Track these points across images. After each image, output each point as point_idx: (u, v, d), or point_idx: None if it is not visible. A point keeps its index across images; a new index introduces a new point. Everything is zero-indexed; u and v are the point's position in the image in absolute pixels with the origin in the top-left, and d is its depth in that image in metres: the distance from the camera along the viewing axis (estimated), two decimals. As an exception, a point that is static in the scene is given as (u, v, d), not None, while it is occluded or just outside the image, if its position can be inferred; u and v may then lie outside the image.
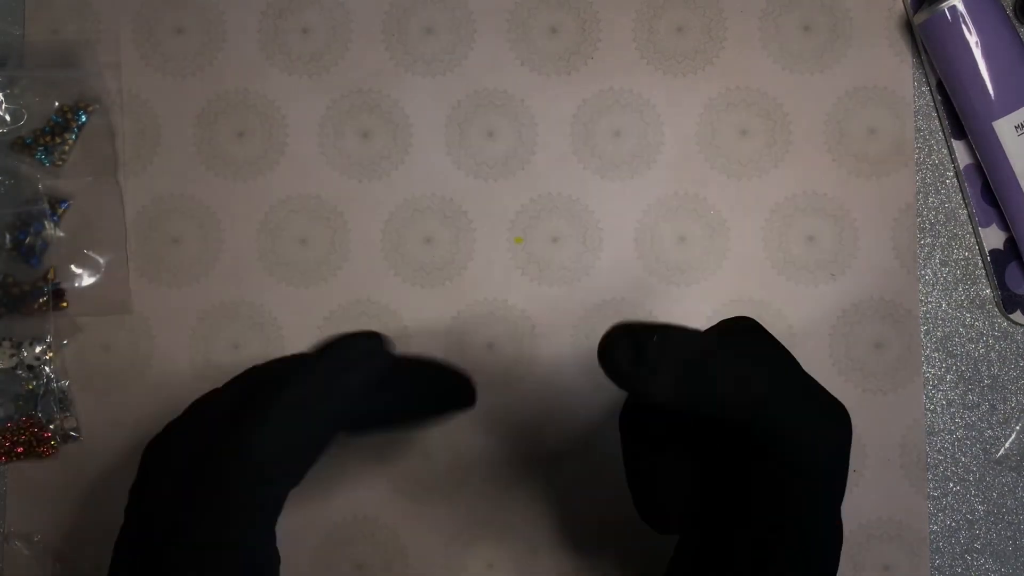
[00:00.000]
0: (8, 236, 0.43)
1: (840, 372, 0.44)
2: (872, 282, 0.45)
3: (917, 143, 0.45)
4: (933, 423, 0.44)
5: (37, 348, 0.43)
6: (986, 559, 0.44)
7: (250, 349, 0.44)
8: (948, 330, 0.45)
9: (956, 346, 0.45)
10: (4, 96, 0.43)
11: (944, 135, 0.45)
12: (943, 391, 0.44)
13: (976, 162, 0.44)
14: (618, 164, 0.45)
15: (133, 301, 0.44)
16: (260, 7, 0.45)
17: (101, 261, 0.44)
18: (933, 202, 0.45)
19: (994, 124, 0.42)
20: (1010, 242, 0.44)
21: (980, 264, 0.45)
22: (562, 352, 0.44)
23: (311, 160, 0.45)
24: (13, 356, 0.43)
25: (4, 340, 0.43)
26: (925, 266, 0.45)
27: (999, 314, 0.45)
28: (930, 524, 0.44)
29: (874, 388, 0.44)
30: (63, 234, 0.44)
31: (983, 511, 0.44)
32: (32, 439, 0.43)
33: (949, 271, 0.45)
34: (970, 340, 0.45)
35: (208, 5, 0.45)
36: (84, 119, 0.44)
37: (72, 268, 0.44)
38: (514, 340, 0.44)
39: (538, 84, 0.45)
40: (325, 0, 0.45)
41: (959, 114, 0.44)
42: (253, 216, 0.44)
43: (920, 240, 0.45)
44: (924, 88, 0.45)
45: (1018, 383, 0.45)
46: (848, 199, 0.45)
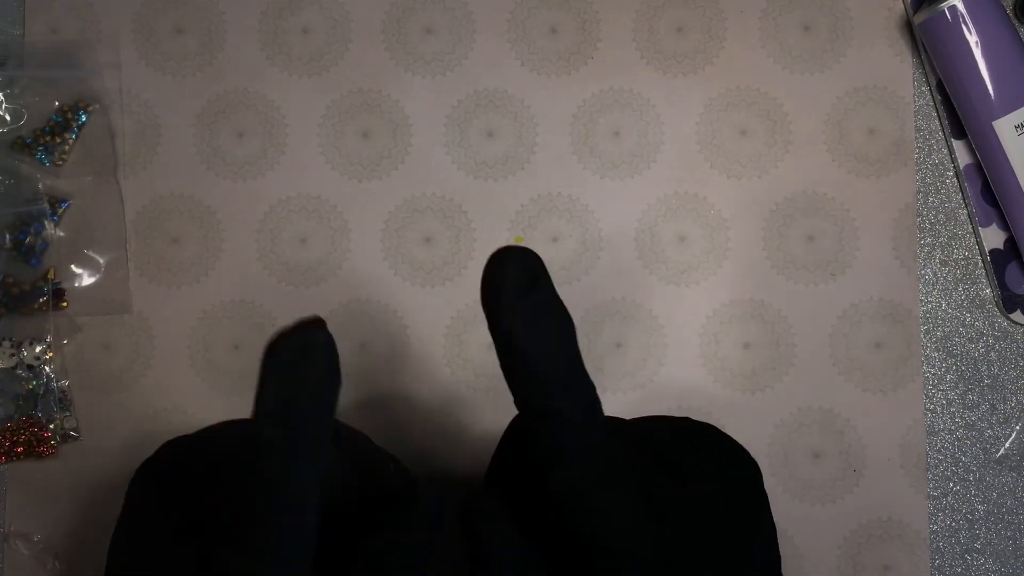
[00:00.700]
0: (8, 236, 0.43)
1: (840, 372, 0.44)
2: (872, 282, 0.45)
3: (917, 143, 0.45)
4: (933, 423, 0.44)
5: (37, 348, 0.43)
6: (986, 559, 0.44)
7: (250, 349, 0.44)
8: (948, 330, 0.45)
9: (956, 346, 0.45)
10: (4, 96, 0.43)
11: (944, 135, 0.45)
12: (943, 391, 0.44)
13: (976, 162, 0.44)
14: (618, 164, 0.45)
15: (133, 301, 0.44)
16: (260, 7, 0.45)
17: (101, 261, 0.44)
18: (933, 202, 0.45)
19: (994, 124, 0.42)
20: (1010, 242, 0.44)
21: (980, 264, 0.45)
22: (562, 352, 0.44)
23: (311, 160, 0.45)
24: (13, 356, 0.43)
25: (4, 340, 0.43)
26: (925, 266, 0.45)
27: (999, 314, 0.45)
28: (930, 524, 0.44)
29: (874, 388, 0.44)
30: (63, 234, 0.44)
31: (983, 511, 0.44)
32: (32, 439, 0.43)
33: (949, 271, 0.45)
34: (970, 340, 0.45)
35: (208, 5, 0.45)
36: (84, 119, 0.44)
37: (72, 268, 0.44)
38: (514, 340, 0.44)
39: (538, 84, 0.45)
40: (325, 0, 0.45)
41: (959, 114, 0.44)
42: (253, 216, 0.44)
43: (920, 240, 0.45)
44: (924, 88, 0.45)
45: (1018, 383, 0.45)
46: (848, 199, 0.45)
